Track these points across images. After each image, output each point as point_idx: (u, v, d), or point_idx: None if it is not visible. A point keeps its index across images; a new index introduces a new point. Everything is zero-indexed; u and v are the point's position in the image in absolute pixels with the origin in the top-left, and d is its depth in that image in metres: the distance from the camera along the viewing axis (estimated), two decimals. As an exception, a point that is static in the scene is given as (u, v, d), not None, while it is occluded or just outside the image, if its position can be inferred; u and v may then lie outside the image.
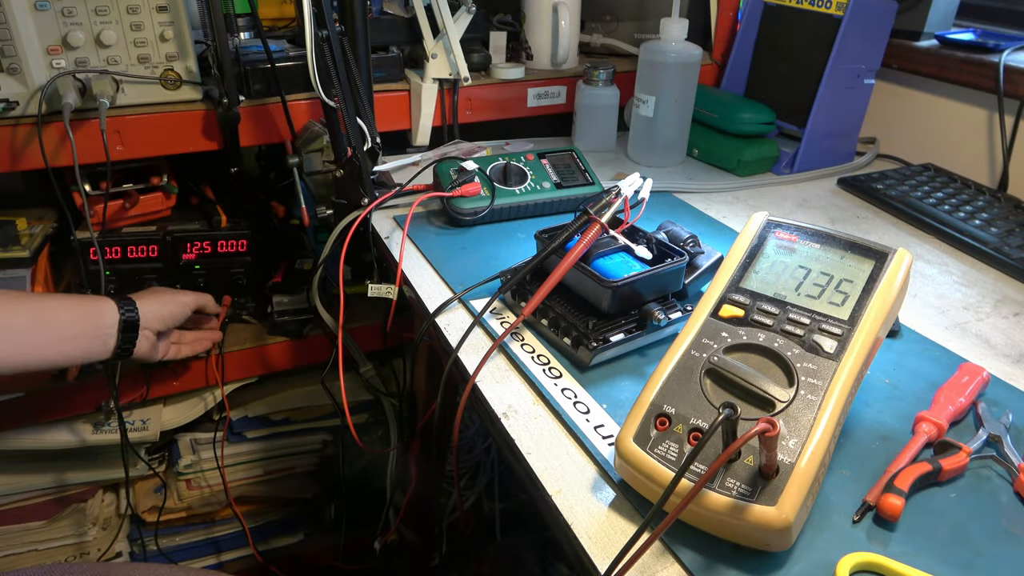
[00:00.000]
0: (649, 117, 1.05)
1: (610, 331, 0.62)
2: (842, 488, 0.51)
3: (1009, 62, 0.99)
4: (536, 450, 0.54)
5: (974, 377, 0.60)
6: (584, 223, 0.67)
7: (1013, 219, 0.90)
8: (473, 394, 0.61)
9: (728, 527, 0.45)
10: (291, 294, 1.09)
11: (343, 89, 0.83)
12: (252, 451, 1.22)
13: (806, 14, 1.06)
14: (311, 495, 1.32)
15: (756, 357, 0.50)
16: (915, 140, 1.15)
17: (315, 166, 0.97)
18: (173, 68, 0.91)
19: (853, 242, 0.55)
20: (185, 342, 0.98)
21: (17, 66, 0.83)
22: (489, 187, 0.86)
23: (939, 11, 1.11)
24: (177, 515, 1.22)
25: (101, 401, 1.02)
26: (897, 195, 0.96)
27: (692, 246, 0.71)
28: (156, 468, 1.17)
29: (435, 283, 0.76)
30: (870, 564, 0.45)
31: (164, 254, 1.03)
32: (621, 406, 0.58)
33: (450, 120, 1.08)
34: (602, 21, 1.26)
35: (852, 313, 0.51)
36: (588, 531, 0.48)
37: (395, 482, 1.18)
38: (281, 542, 1.33)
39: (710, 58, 1.23)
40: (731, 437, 0.43)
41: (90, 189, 0.95)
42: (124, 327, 0.84)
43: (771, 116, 1.07)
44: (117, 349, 0.84)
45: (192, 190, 1.11)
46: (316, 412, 1.24)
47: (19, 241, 0.96)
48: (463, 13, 1.04)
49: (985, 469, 0.54)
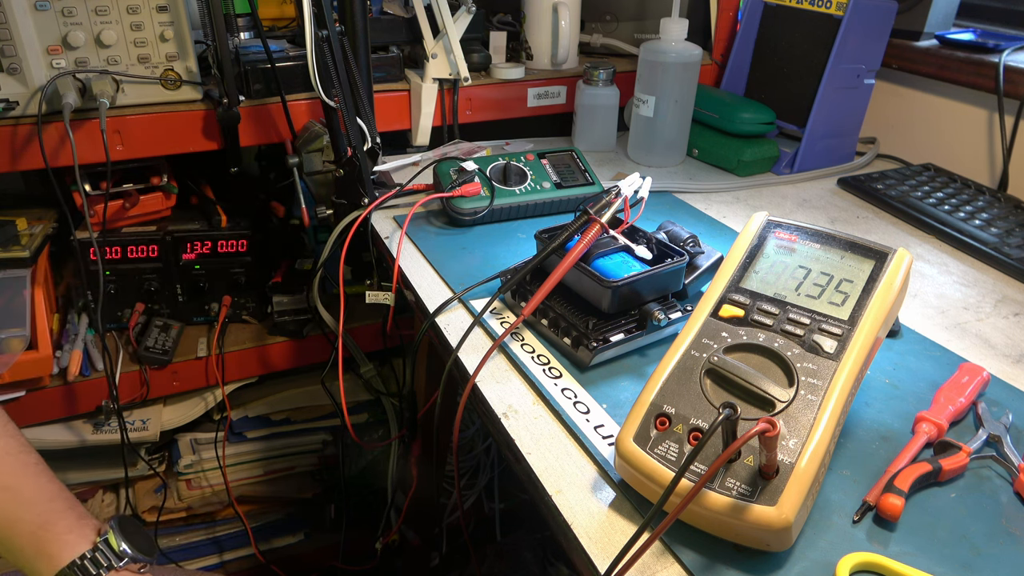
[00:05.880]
0: (649, 117, 1.05)
1: (610, 331, 0.62)
2: (842, 488, 0.51)
3: (1009, 62, 0.99)
4: (536, 450, 0.54)
5: (974, 377, 0.60)
6: (584, 223, 0.67)
7: (1013, 219, 0.90)
8: (473, 394, 0.61)
9: (728, 527, 0.45)
10: (291, 294, 1.09)
11: (343, 89, 0.83)
12: (252, 451, 1.22)
13: (806, 14, 1.06)
14: (311, 495, 1.32)
15: (756, 357, 0.50)
16: (915, 140, 1.15)
17: (315, 166, 0.97)
18: (173, 68, 0.91)
19: (853, 242, 0.55)
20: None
21: (17, 66, 0.83)
22: (489, 187, 0.86)
23: (939, 11, 1.11)
24: (177, 515, 1.22)
25: (101, 401, 1.02)
26: (897, 195, 0.96)
27: (692, 246, 0.71)
28: (156, 468, 1.17)
29: (435, 283, 0.76)
30: (870, 564, 0.45)
31: (164, 254, 1.03)
32: (621, 406, 0.58)
33: (450, 120, 1.08)
34: (602, 21, 1.25)
35: (852, 313, 0.51)
36: (588, 531, 0.48)
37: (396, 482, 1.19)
38: (281, 542, 1.33)
39: (710, 58, 1.23)
40: (731, 437, 0.43)
41: (90, 189, 0.95)
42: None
43: (771, 116, 1.07)
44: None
45: (192, 190, 1.11)
46: (316, 412, 1.24)
47: (19, 241, 0.96)
48: (463, 13, 1.04)
49: (985, 469, 0.53)
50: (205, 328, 1.11)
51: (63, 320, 1.04)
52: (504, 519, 1.44)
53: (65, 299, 1.06)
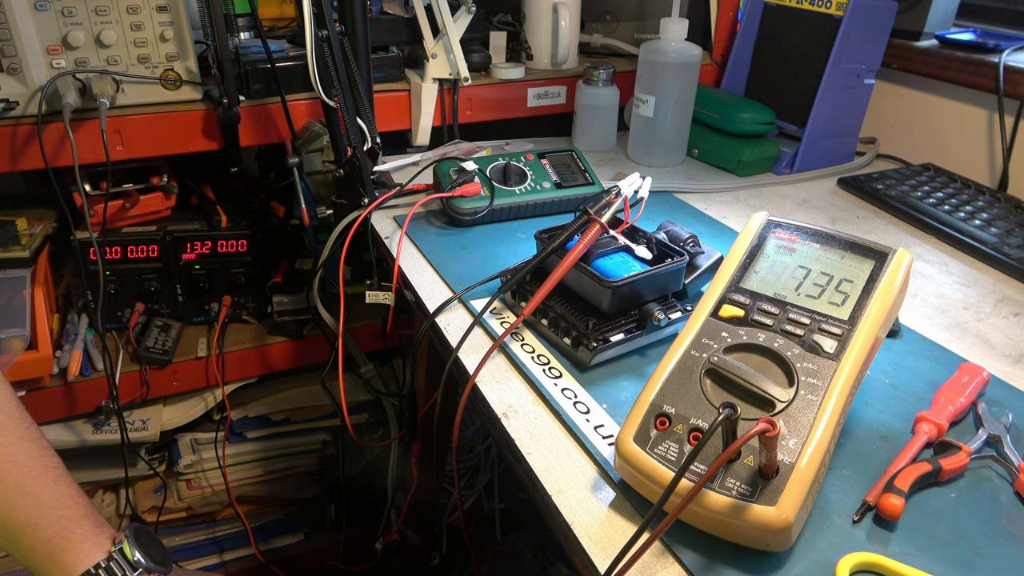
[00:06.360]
0: (649, 117, 1.05)
1: (610, 331, 0.62)
2: (842, 488, 0.51)
3: (1009, 62, 0.99)
4: (536, 450, 0.54)
5: (974, 377, 0.60)
6: (584, 223, 0.67)
7: (1013, 219, 0.90)
8: (473, 394, 0.61)
9: (728, 527, 0.45)
10: (291, 294, 1.09)
11: (343, 89, 0.83)
12: (252, 451, 1.22)
13: (806, 14, 1.06)
14: (311, 495, 1.32)
15: (756, 357, 0.50)
16: (915, 140, 1.15)
17: (315, 166, 0.97)
18: (173, 68, 0.91)
19: (853, 242, 0.55)
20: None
21: (17, 66, 0.83)
22: (489, 187, 0.86)
23: (939, 11, 1.11)
24: (177, 515, 1.22)
25: (101, 401, 1.02)
26: (897, 195, 0.96)
27: (692, 246, 0.71)
28: (156, 468, 1.17)
29: (435, 283, 0.76)
30: (870, 564, 0.45)
31: (164, 254, 1.03)
32: (621, 406, 0.58)
33: (450, 120, 1.08)
34: (602, 21, 1.26)
35: (852, 313, 0.51)
36: (588, 531, 0.48)
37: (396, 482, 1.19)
38: (281, 542, 1.33)
39: (710, 58, 1.23)
40: (731, 437, 0.43)
41: (90, 189, 0.95)
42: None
43: (771, 116, 1.07)
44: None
45: (192, 190, 1.11)
46: (316, 412, 1.24)
47: (19, 241, 0.96)
48: (463, 13, 1.04)
49: (985, 469, 0.53)
50: (205, 328, 1.11)
51: (63, 320, 1.04)
52: (504, 519, 1.44)
53: (65, 299, 1.06)
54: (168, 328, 1.07)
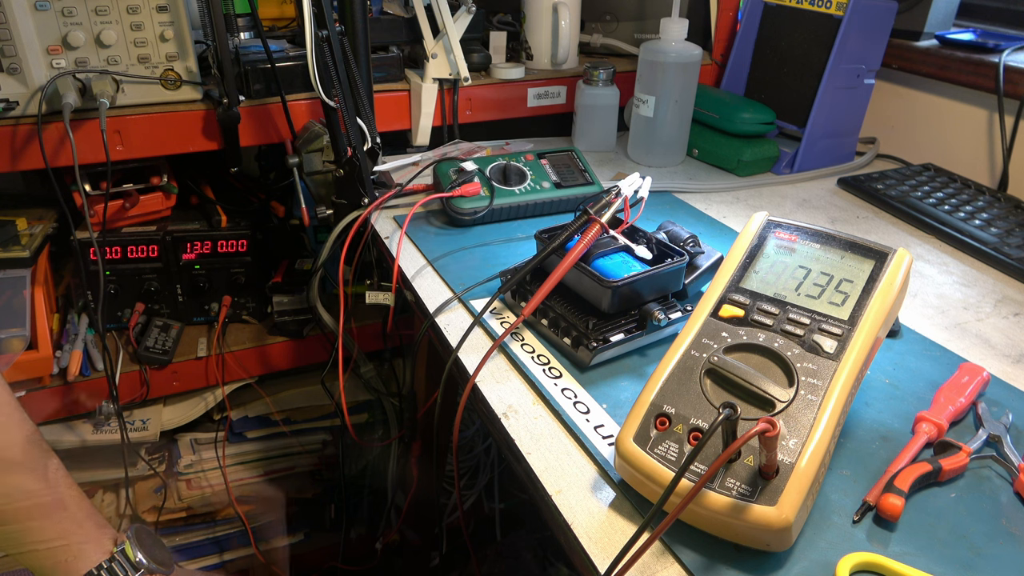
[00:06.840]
0: (649, 117, 1.05)
1: (610, 331, 0.62)
2: (842, 488, 0.51)
3: (1009, 62, 0.99)
4: (536, 450, 0.54)
5: (974, 377, 0.60)
6: (584, 223, 0.67)
7: (1013, 219, 0.90)
8: (473, 394, 0.61)
9: (728, 527, 0.45)
10: (291, 294, 1.09)
11: (343, 89, 0.83)
12: (252, 451, 1.22)
13: (806, 14, 1.06)
14: (311, 495, 1.32)
15: (756, 357, 0.50)
16: (915, 140, 1.15)
17: (315, 166, 0.97)
18: (173, 68, 0.91)
19: (853, 242, 0.55)
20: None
21: (17, 66, 0.83)
22: (489, 187, 0.86)
23: (939, 11, 1.11)
24: (177, 515, 1.22)
25: (101, 401, 1.02)
26: (897, 195, 0.96)
27: (692, 246, 0.71)
28: (156, 468, 1.17)
29: (435, 283, 0.76)
30: (870, 564, 0.45)
31: (164, 254, 1.03)
32: (621, 406, 0.58)
33: (450, 120, 1.08)
34: (602, 21, 1.25)
35: (852, 313, 0.51)
36: (588, 531, 0.48)
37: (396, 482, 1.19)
38: (281, 542, 1.33)
39: (710, 58, 1.23)
40: (731, 437, 0.43)
41: (90, 189, 0.95)
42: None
43: (771, 116, 1.07)
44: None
45: (192, 190, 1.11)
46: (316, 412, 1.24)
47: (19, 241, 0.96)
48: (463, 13, 1.04)
49: (985, 469, 0.53)
50: (205, 328, 1.11)
51: (63, 320, 1.04)
52: (504, 519, 1.44)
53: (65, 299, 1.06)
54: (168, 328, 1.07)
